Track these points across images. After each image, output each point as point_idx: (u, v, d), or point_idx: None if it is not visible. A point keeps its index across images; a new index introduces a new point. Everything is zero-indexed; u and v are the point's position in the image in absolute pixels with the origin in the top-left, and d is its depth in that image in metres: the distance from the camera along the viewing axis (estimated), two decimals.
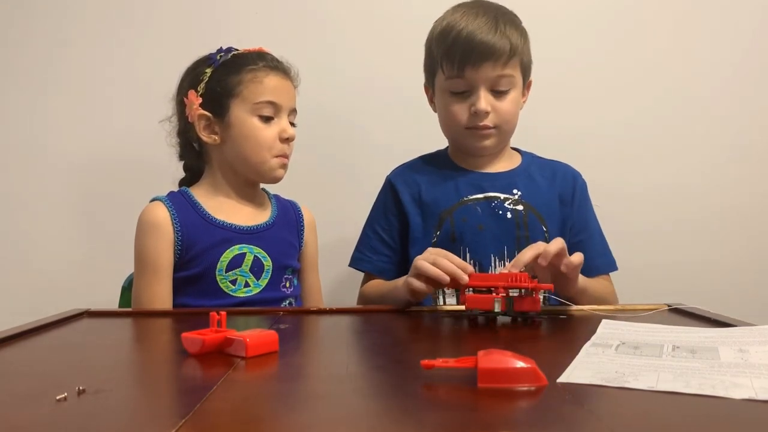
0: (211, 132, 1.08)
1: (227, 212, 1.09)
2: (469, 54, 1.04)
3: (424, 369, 0.55)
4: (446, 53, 1.06)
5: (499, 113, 1.08)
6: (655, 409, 0.47)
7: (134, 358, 0.73)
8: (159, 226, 1.03)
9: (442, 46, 1.07)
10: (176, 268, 1.05)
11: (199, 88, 1.08)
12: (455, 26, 1.06)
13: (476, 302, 0.82)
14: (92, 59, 1.48)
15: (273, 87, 1.07)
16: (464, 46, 1.04)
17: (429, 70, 1.15)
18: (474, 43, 1.03)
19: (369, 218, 1.20)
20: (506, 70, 1.06)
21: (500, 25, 1.05)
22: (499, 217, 1.09)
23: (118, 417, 0.47)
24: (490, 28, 1.04)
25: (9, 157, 1.48)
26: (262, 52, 1.12)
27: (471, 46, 1.04)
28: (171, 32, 1.47)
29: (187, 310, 1.02)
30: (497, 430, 0.42)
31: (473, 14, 1.06)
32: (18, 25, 1.47)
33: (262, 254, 1.08)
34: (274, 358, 0.64)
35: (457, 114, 1.08)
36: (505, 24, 1.06)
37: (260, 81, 1.06)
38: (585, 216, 1.16)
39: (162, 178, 1.17)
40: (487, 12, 1.07)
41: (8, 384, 0.57)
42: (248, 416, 0.47)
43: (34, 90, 1.48)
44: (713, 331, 0.72)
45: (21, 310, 1.02)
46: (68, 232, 1.48)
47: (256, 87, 1.06)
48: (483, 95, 1.06)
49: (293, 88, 1.12)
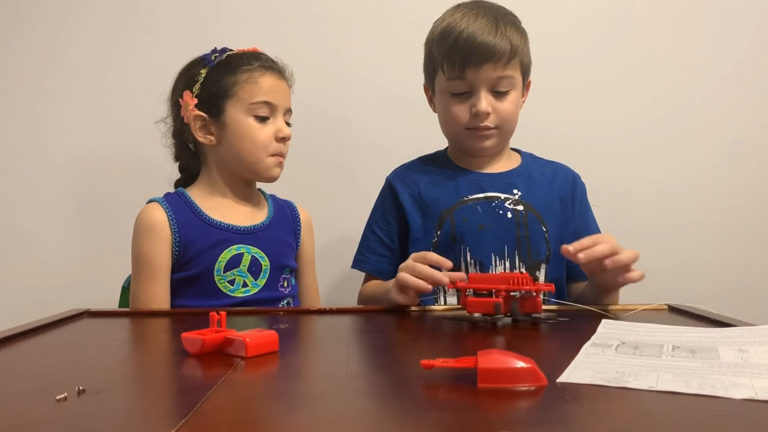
0: (207, 132, 1.08)
1: (224, 212, 1.09)
2: (470, 55, 1.04)
3: (424, 369, 0.55)
4: (447, 54, 1.06)
5: (499, 114, 1.08)
6: (655, 409, 0.47)
7: (134, 358, 0.73)
8: (156, 228, 1.03)
9: (442, 47, 1.07)
10: (174, 270, 1.05)
11: (195, 89, 1.08)
12: (456, 27, 1.06)
13: (478, 306, 0.82)
14: (92, 59, 1.48)
15: (268, 87, 1.07)
16: (465, 48, 1.04)
17: (429, 71, 1.14)
18: (475, 45, 1.03)
19: (369, 220, 1.20)
20: (507, 71, 1.06)
21: (501, 26, 1.05)
22: (500, 216, 1.09)
23: (117, 417, 0.47)
24: (490, 29, 1.04)
25: (8, 157, 1.48)
26: (257, 52, 1.12)
27: (472, 47, 1.04)
28: (170, 33, 1.47)
29: (186, 310, 1.01)
30: (497, 430, 0.42)
31: (473, 15, 1.06)
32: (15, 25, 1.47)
33: (259, 254, 1.08)
34: (274, 358, 0.64)
35: (458, 115, 1.09)
36: (506, 25, 1.06)
37: (255, 81, 1.07)
38: (585, 218, 1.17)
39: (162, 179, 1.17)
40: (488, 13, 1.07)
41: (8, 384, 0.57)
42: (248, 416, 0.47)
43: (34, 90, 1.48)
44: (713, 331, 0.72)
45: (21, 310, 1.02)
46: (68, 232, 1.48)
47: (251, 87, 1.06)
48: (484, 96, 1.06)
49: (288, 88, 1.12)
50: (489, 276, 0.85)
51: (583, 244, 0.87)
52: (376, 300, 1.05)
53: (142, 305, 1.02)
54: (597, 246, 0.87)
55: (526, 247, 1.08)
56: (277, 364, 0.63)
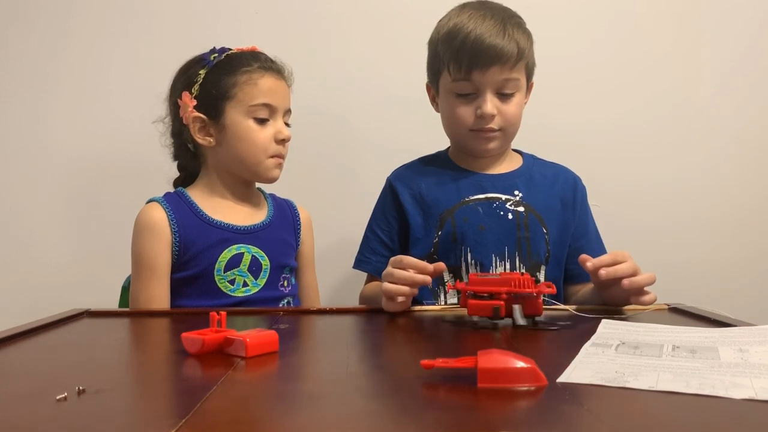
0: (206, 134, 1.08)
1: (224, 212, 1.09)
2: (477, 57, 1.03)
3: (424, 369, 0.55)
4: (454, 55, 1.05)
5: (504, 116, 1.08)
6: (656, 409, 0.47)
7: (134, 358, 0.73)
8: (156, 227, 1.04)
9: (449, 48, 1.06)
10: (174, 269, 1.05)
11: (193, 89, 1.08)
12: (463, 28, 1.05)
13: (478, 309, 0.81)
14: (91, 58, 1.48)
15: (268, 88, 1.07)
16: (472, 50, 1.03)
17: (433, 70, 1.14)
18: (482, 47, 1.03)
19: (370, 220, 1.20)
20: (513, 74, 1.06)
21: (509, 29, 1.04)
22: (501, 217, 1.09)
23: (118, 417, 0.47)
24: (498, 31, 1.04)
25: (8, 157, 1.48)
26: (256, 52, 1.11)
27: (479, 49, 1.03)
28: (170, 32, 1.47)
29: (186, 309, 1.02)
30: (497, 430, 0.42)
31: (481, 16, 1.05)
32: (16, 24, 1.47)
33: (260, 254, 1.08)
34: (274, 358, 0.64)
35: (463, 116, 1.08)
36: (513, 27, 1.05)
37: (255, 83, 1.06)
38: (585, 221, 1.18)
39: (162, 178, 1.17)
40: (495, 14, 1.06)
41: (8, 384, 0.57)
42: (249, 416, 0.47)
43: (33, 89, 1.48)
44: (713, 331, 0.72)
45: (21, 311, 1.02)
46: (68, 232, 1.48)
47: (251, 89, 1.06)
48: (489, 98, 1.06)
49: (287, 88, 1.12)
50: (490, 278, 0.84)
51: (603, 261, 0.87)
52: (375, 301, 1.05)
53: (142, 305, 1.02)
54: (619, 265, 0.86)
55: (527, 248, 1.08)
56: (277, 364, 0.63)
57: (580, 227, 1.16)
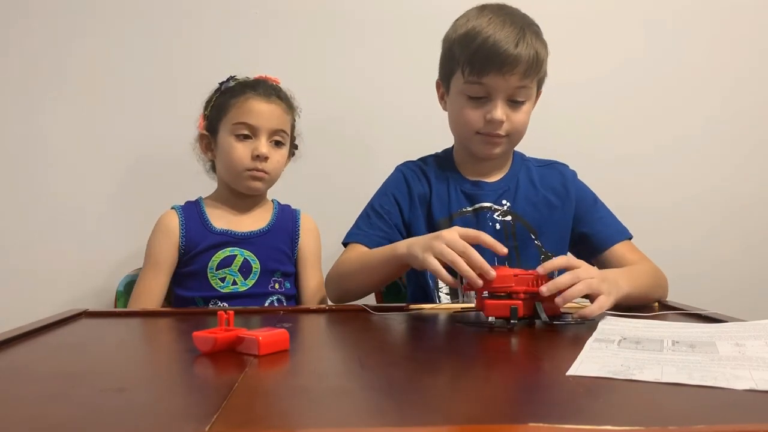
0: (208, 149, 1.24)
1: (226, 220, 1.22)
2: (494, 63, 1.02)
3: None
4: (469, 58, 1.04)
5: (512, 123, 1.07)
6: (665, 399, 0.49)
7: (145, 358, 0.73)
8: (168, 231, 1.20)
9: (465, 50, 1.05)
10: (179, 265, 1.20)
11: (206, 110, 1.23)
12: (481, 32, 1.03)
13: (496, 309, 0.79)
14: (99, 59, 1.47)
15: (250, 110, 1.17)
16: (489, 55, 1.02)
17: (446, 69, 1.12)
18: (499, 53, 1.02)
19: (371, 201, 1.17)
20: (525, 82, 1.05)
21: (527, 38, 1.03)
22: (489, 228, 1.10)
23: (149, 414, 0.47)
24: (516, 39, 1.02)
25: (8, 156, 1.45)
26: (258, 80, 1.23)
27: (496, 55, 1.02)
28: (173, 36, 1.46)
29: (185, 309, 1.07)
30: (523, 422, 0.44)
31: (500, 22, 1.04)
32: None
33: (251, 257, 1.19)
34: (286, 355, 0.65)
35: (472, 119, 1.08)
36: (532, 36, 1.04)
37: (241, 105, 1.18)
38: (586, 200, 1.17)
39: (159, 181, 1.18)
40: (515, 22, 1.05)
41: (29, 385, 0.56)
42: (278, 410, 0.48)
43: (33, 89, 1.45)
44: (708, 327, 0.75)
45: (20, 311, 1.01)
46: (67, 232, 1.46)
47: (236, 110, 1.18)
48: (500, 105, 1.05)
49: (281, 111, 1.20)
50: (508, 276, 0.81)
51: (558, 284, 0.81)
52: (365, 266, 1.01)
53: (140, 291, 1.16)
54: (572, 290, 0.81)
55: (516, 258, 1.09)
56: (291, 361, 0.64)
57: (582, 209, 1.15)
